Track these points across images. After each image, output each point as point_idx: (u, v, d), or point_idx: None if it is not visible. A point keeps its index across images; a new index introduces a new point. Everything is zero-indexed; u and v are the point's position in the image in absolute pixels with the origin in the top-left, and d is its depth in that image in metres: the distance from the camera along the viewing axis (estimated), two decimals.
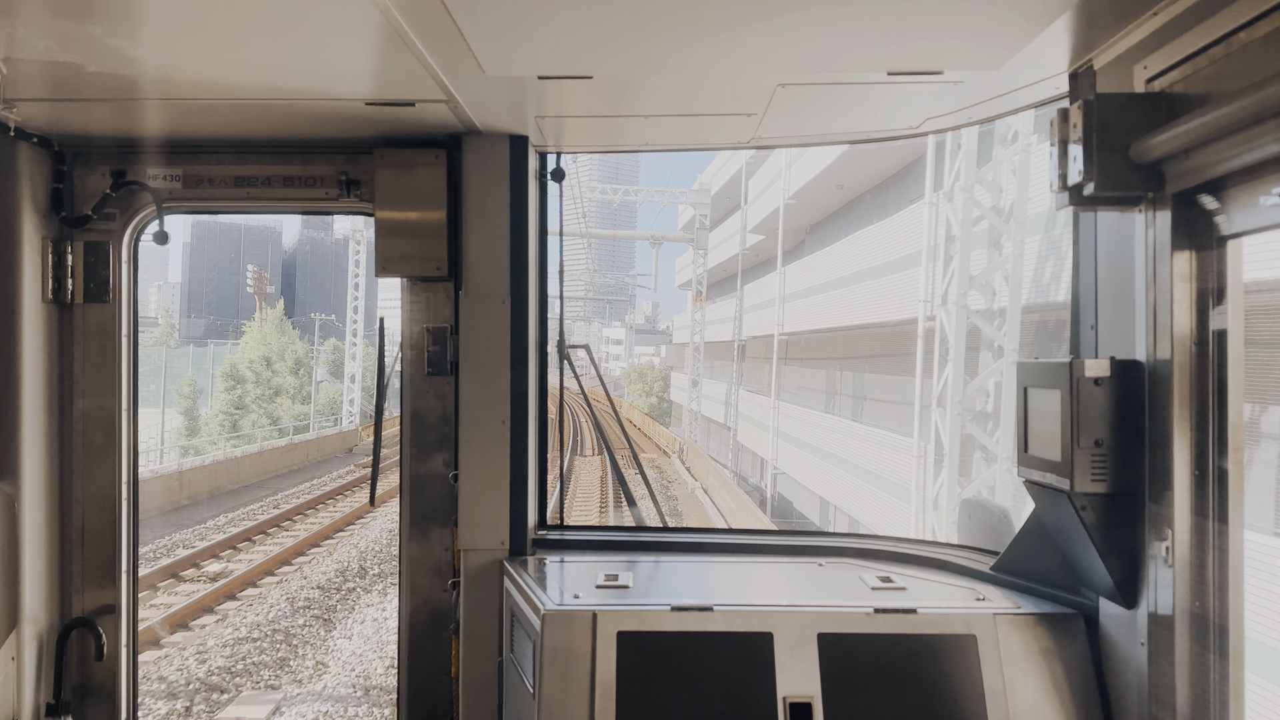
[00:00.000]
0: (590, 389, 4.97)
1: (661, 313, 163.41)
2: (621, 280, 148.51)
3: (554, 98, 3.37)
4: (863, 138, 3.98)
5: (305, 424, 49.67)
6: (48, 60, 2.86)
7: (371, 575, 19.49)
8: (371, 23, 2.53)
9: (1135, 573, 2.65)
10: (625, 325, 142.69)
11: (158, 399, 47.77)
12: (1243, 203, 2.26)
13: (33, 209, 3.75)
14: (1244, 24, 2.12)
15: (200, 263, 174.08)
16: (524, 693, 3.29)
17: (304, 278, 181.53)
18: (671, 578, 3.72)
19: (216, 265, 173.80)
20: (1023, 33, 2.63)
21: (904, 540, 4.05)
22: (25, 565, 3.72)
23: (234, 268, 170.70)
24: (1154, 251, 2.51)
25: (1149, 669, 2.60)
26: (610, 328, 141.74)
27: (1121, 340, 2.70)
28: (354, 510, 26.39)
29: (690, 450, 39.95)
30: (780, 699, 2.97)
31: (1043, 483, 2.80)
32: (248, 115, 3.53)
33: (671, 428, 57.33)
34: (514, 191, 3.85)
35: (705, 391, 47.69)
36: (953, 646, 3.03)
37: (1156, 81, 2.47)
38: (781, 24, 2.57)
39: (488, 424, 3.84)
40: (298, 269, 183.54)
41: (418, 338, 3.99)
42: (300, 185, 3.98)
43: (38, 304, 3.80)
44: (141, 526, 4.23)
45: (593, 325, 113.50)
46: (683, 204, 44.37)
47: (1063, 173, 2.61)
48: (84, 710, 3.97)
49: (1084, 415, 2.60)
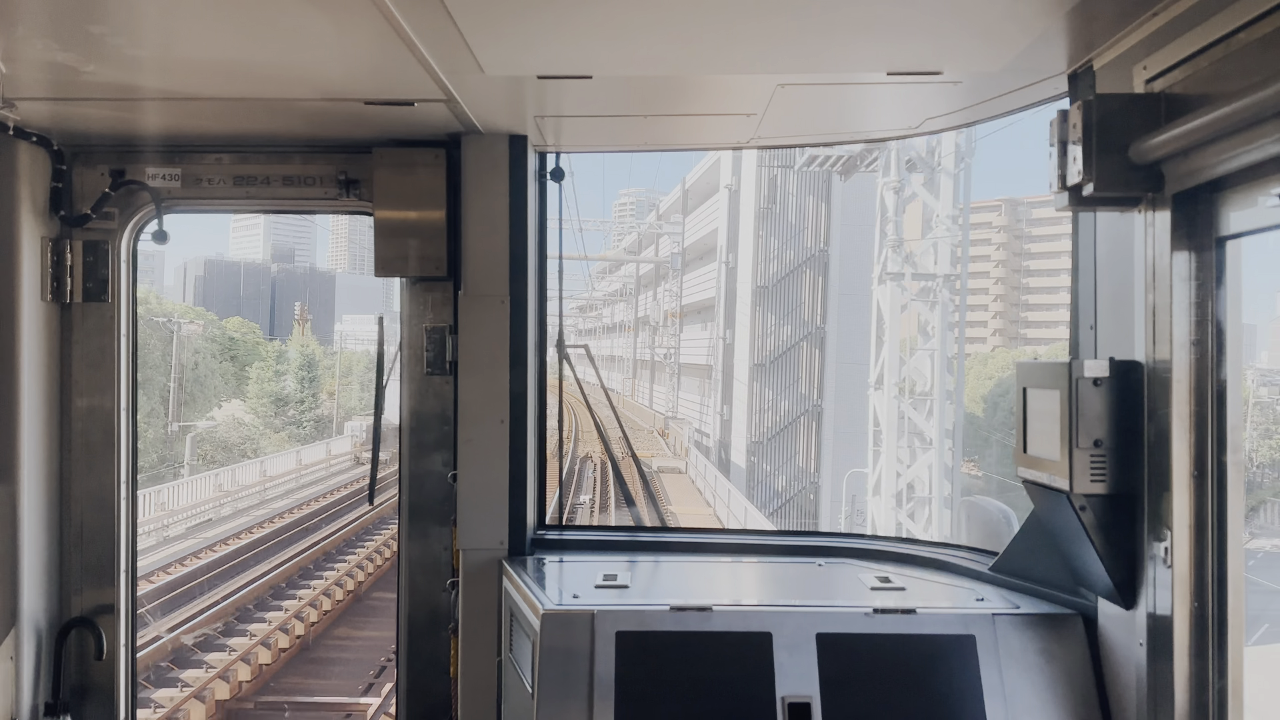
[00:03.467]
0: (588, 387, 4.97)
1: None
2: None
3: (553, 97, 3.37)
4: (862, 138, 3.98)
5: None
6: (47, 60, 2.86)
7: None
8: (371, 22, 2.52)
9: (1134, 573, 2.65)
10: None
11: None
12: (1242, 203, 2.26)
13: (32, 208, 3.74)
14: (1243, 24, 2.12)
15: (213, 293, 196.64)
16: (523, 692, 3.29)
17: (280, 298, 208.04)
18: (670, 577, 3.71)
19: (226, 291, 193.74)
20: (1022, 33, 2.63)
21: (903, 540, 4.05)
22: (24, 564, 3.72)
23: (236, 292, 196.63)
24: (1153, 252, 2.51)
25: (1148, 669, 2.60)
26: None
27: (1120, 341, 2.70)
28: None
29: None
30: (779, 699, 2.96)
31: (1042, 483, 2.80)
32: (247, 114, 3.52)
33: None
34: (513, 191, 3.85)
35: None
36: (951, 647, 3.03)
37: (1156, 82, 2.47)
38: (781, 24, 2.57)
39: (487, 424, 3.84)
40: (275, 292, 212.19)
41: (417, 337, 3.99)
42: (299, 185, 3.97)
43: (37, 303, 3.79)
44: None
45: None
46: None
47: (1062, 173, 2.61)
48: (82, 709, 3.96)
49: (1083, 416, 2.60)
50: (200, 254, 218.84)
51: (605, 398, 5.10)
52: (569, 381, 4.37)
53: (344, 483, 39.00)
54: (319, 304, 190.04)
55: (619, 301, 74.54)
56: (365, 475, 37.50)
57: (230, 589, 19.93)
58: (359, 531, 26.59)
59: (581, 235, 49.40)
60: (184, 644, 16.97)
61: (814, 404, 37.60)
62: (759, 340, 33.08)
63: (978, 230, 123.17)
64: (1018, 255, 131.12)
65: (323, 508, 31.78)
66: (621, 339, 74.20)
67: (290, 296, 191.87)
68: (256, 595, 19.49)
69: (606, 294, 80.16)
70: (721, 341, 37.99)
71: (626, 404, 62.24)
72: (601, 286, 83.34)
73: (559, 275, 4.46)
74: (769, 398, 35.35)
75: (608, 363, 76.96)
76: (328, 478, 41.89)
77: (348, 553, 24.01)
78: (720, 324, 36.37)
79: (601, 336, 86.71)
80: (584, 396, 4.60)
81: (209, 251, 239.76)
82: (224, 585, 20.52)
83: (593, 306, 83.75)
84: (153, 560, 22.96)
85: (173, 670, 15.73)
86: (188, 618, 17.92)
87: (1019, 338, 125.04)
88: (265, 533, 26.82)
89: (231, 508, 32.99)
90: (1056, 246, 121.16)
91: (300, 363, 68.88)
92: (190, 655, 16.46)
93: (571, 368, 4.37)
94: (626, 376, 70.39)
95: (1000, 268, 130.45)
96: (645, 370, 65.73)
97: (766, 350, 34.95)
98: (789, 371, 37.70)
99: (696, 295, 48.39)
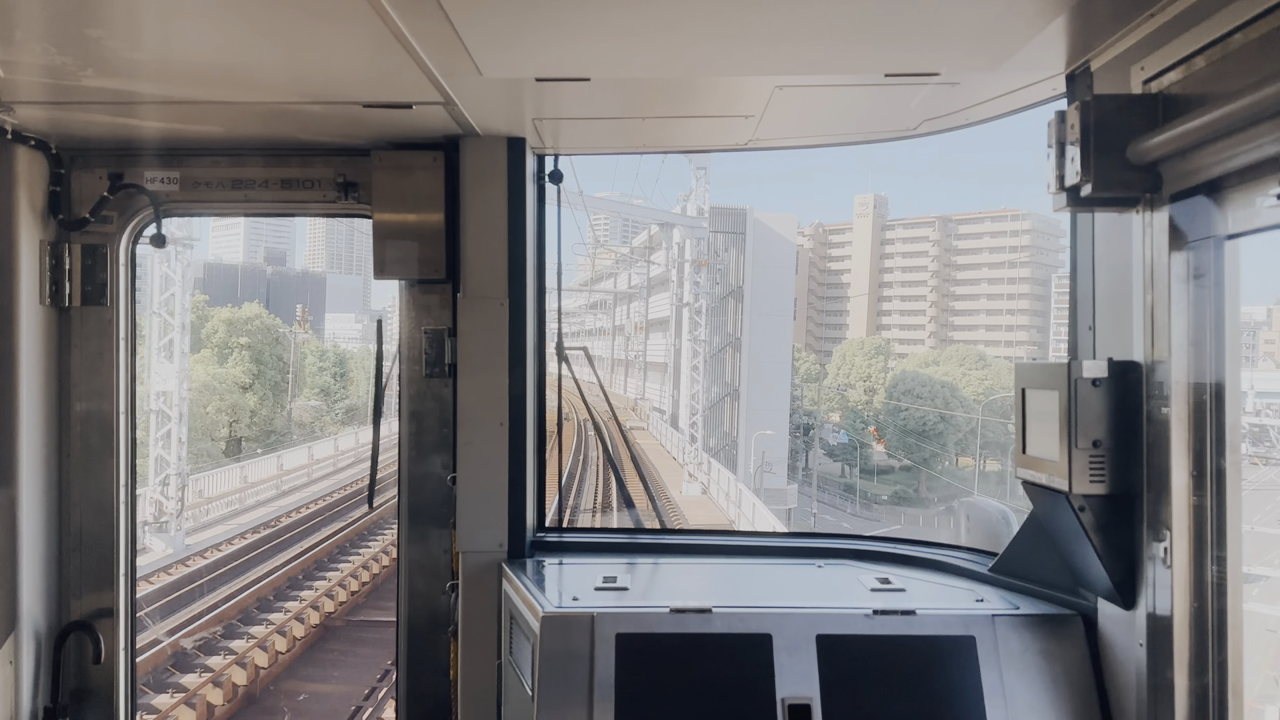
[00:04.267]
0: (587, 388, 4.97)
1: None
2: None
3: (551, 100, 3.37)
4: (860, 139, 3.98)
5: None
6: (45, 63, 2.85)
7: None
8: (369, 25, 2.52)
9: (1133, 573, 2.65)
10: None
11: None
12: (1239, 204, 2.26)
13: (30, 212, 3.74)
14: (1240, 25, 2.12)
15: (214, 295, 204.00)
16: (523, 695, 3.29)
17: (275, 298, 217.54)
18: (670, 579, 3.71)
19: (225, 294, 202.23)
20: (1019, 34, 2.63)
21: (903, 541, 4.05)
22: (23, 568, 3.71)
23: (234, 294, 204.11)
24: (1151, 252, 2.51)
25: (1147, 670, 2.60)
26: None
27: (1119, 341, 2.70)
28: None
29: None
30: (779, 700, 2.96)
31: (1041, 483, 2.80)
32: (245, 118, 3.52)
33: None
34: (512, 194, 3.84)
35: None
36: (951, 648, 3.03)
37: (1153, 83, 2.47)
38: (779, 25, 2.57)
39: (486, 426, 3.83)
40: (270, 293, 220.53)
41: (415, 340, 3.98)
42: (298, 188, 3.97)
43: (35, 307, 3.79)
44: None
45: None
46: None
47: (1060, 174, 2.61)
48: (81, 713, 3.96)
49: (1082, 416, 2.60)
50: (199, 258, 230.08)
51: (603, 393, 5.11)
52: (568, 382, 4.37)
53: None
54: (311, 304, 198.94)
55: (598, 310, 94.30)
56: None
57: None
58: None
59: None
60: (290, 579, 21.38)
61: (734, 389, 60.65)
62: (698, 346, 47.04)
63: (917, 244, 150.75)
64: (948, 266, 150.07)
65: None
66: (601, 341, 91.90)
67: (284, 297, 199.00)
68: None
69: (587, 305, 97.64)
70: (674, 347, 52.58)
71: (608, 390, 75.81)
72: (581, 299, 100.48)
73: (558, 277, 4.46)
74: (704, 384, 49.55)
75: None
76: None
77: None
78: (673, 335, 51.64)
79: (584, 338, 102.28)
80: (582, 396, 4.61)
81: (203, 254, 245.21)
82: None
83: (575, 313, 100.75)
84: (292, 501, 34.07)
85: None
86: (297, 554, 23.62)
87: (947, 340, 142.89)
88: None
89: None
90: (977, 259, 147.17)
91: (335, 359, 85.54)
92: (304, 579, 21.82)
93: (571, 369, 4.37)
94: (605, 371, 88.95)
95: (935, 277, 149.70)
96: (620, 367, 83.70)
97: (703, 354, 48.91)
98: (718, 367, 59.43)
99: (657, 314, 65.45)
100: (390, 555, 23.88)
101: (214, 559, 22.95)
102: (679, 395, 49.31)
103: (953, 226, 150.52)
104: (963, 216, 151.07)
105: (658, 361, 65.68)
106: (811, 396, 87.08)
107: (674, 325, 49.16)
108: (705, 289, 46.32)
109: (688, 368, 46.52)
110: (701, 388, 45.25)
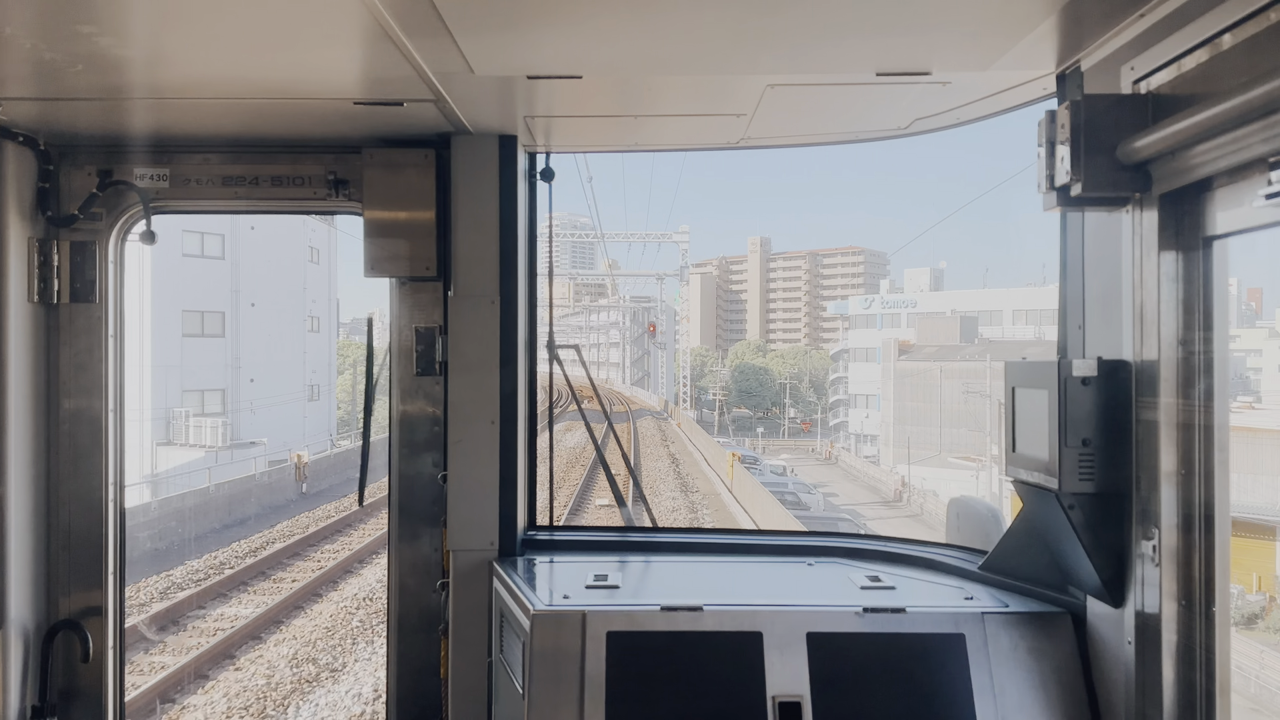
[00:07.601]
0: (580, 387, 4.98)
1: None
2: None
3: (543, 98, 3.36)
4: (852, 138, 3.99)
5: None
6: (34, 58, 2.84)
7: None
8: (360, 22, 2.52)
9: (1122, 571, 2.66)
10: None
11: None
12: (1229, 203, 2.28)
13: (18, 208, 3.72)
14: (1230, 25, 2.13)
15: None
16: (513, 694, 3.28)
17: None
18: (661, 578, 3.71)
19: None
20: (1010, 33, 2.64)
21: (893, 540, 4.06)
22: (10, 566, 3.69)
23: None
24: (1141, 252, 2.52)
25: (1136, 667, 2.61)
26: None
27: (1108, 340, 2.71)
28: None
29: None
30: (769, 698, 2.97)
31: (1031, 482, 2.81)
32: (235, 114, 3.51)
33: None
34: (503, 192, 3.84)
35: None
36: (941, 646, 3.04)
37: (1143, 82, 2.48)
38: (770, 24, 2.57)
39: (477, 424, 3.83)
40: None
41: (406, 338, 3.97)
42: (288, 185, 3.95)
43: (23, 304, 3.77)
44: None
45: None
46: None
47: (1050, 173, 2.62)
48: (70, 713, 3.94)
49: (1071, 415, 2.61)
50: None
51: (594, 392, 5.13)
52: (561, 379, 4.37)
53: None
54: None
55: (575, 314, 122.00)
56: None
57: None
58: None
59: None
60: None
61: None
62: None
63: (792, 271, 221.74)
64: (817, 288, 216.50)
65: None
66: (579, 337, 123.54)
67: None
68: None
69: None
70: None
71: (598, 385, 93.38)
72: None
73: (549, 276, 4.45)
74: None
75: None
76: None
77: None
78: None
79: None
80: (573, 394, 4.61)
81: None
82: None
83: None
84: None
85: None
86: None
87: (817, 339, 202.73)
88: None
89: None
90: (840, 284, 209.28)
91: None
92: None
93: (562, 367, 4.36)
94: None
95: (807, 295, 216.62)
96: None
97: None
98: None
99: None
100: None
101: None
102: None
103: (819, 259, 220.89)
104: (828, 250, 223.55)
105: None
106: (710, 377, 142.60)
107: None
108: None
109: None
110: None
